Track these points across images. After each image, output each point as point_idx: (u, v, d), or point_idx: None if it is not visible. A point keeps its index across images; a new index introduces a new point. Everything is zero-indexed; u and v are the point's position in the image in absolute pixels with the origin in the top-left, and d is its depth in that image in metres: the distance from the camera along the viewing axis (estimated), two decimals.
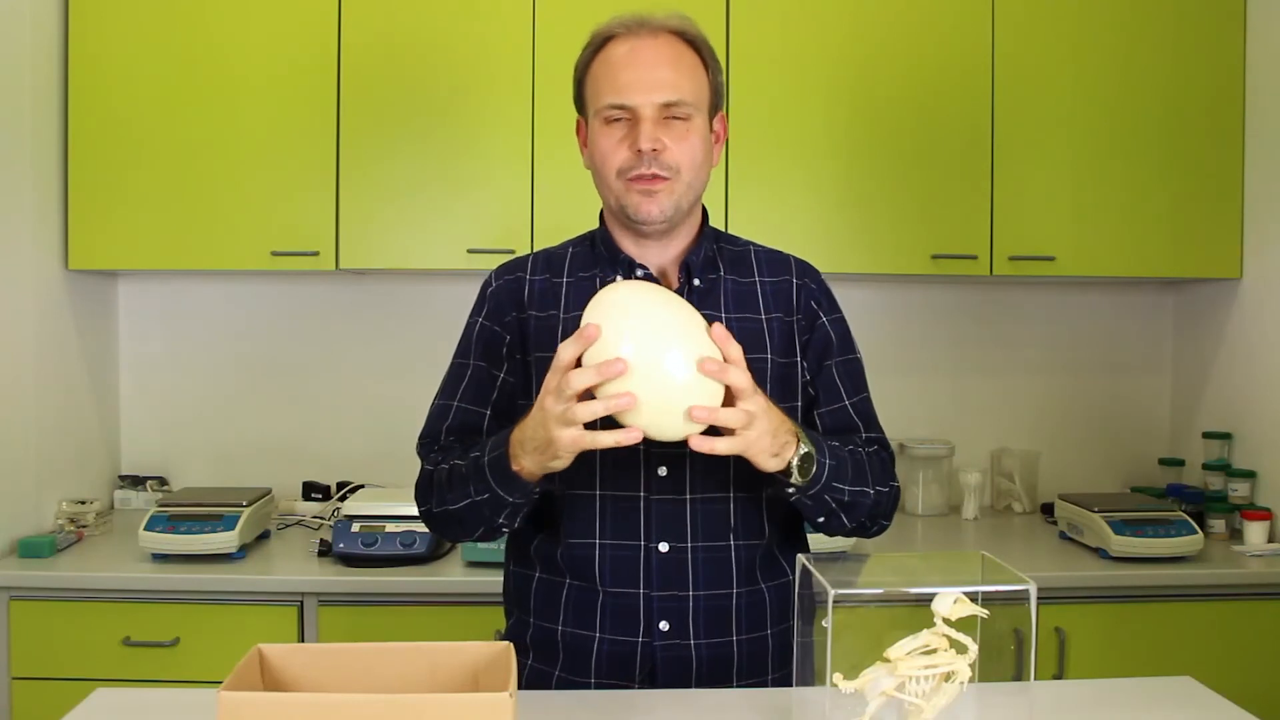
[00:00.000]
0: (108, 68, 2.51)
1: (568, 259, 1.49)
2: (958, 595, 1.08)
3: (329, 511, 2.64)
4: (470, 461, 1.33)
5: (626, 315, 1.17)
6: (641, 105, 1.35)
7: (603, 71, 1.39)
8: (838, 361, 1.48)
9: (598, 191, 1.45)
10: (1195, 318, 2.88)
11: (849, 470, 1.35)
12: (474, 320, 1.49)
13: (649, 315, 1.18)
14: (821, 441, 1.33)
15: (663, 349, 1.16)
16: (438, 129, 2.53)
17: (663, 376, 1.16)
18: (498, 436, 1.31)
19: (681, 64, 1.39)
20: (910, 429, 2.89)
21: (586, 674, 1.38)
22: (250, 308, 2.86)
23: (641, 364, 1.15)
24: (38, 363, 2.44)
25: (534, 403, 1.23)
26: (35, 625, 2.19)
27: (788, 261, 1.53)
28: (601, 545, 1.38)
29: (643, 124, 1.35)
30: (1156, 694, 1.34)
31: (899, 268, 2.60)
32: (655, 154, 1.35)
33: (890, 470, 1.47)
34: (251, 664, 1.06)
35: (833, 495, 1.33)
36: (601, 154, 1.39)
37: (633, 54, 1.38)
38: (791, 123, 2.56)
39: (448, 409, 1.46)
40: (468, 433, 1.45)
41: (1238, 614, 2.28)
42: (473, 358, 1.47)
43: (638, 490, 1.37)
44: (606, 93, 1.37)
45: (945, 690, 1.09)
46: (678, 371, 1.16)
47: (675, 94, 1.36)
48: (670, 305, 1.21)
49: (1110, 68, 2.60)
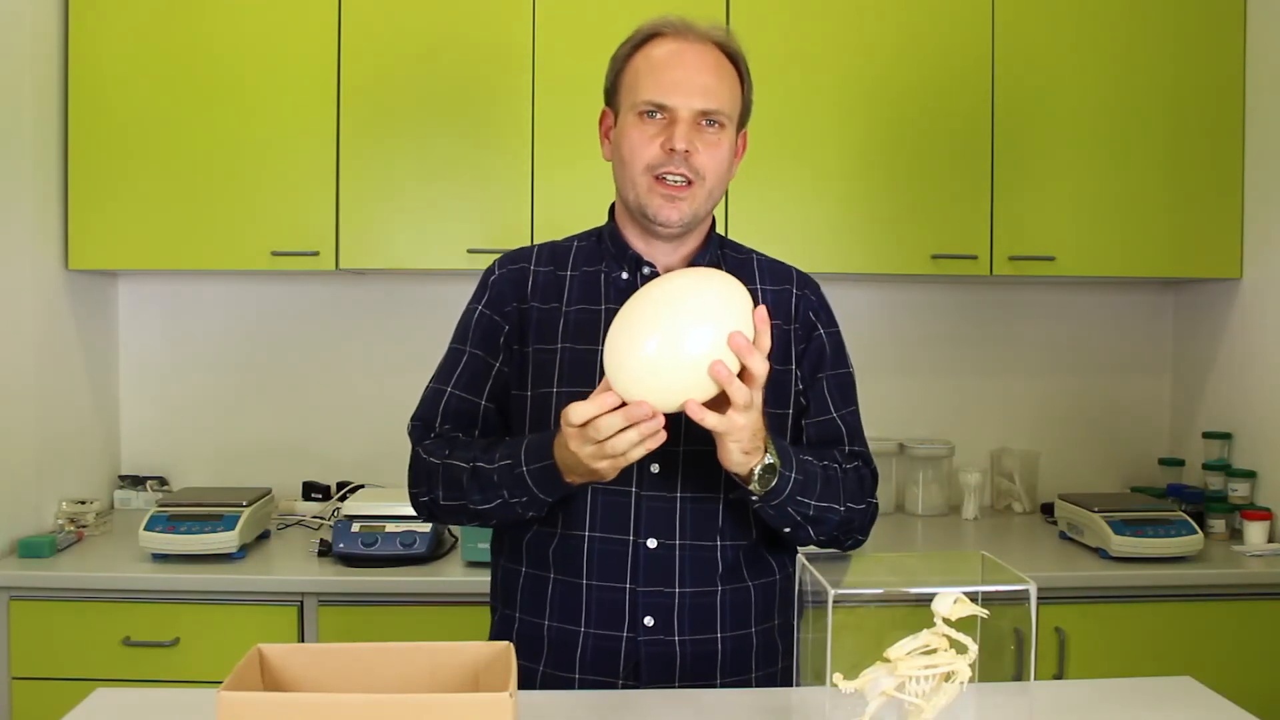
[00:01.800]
0: (108, 68, 2.51)
1: (572, 252, 1.50)
2: (958, 595, 1.08)
3: (329, 511, 2.64)
4: (501, 469, 1.32)
5: (666, 291, 1.19)
6: (680, 107, 1.37)
7: (645, 67, 1.40)
8: (830, 375, 1.49)
9: (617, 184, 1.45)
10: (1195, 318, 2.88)
11: (817, 485, 1.35)
12: (473, 307, 1.49)
13: (686, 295, 1.19)
14: (792, 455, 1.33)
15: (689, 324, 1.17)
16: (438, 129, 2.53)
17: (685, 349, 1.16)
18: (529, 444, 1.31)
19: (722, 74, 1.41)
20: (910, 429, 2.89)
21: (571, 669, 1.39)
22: (250, 308, 2.86)
23: (667, 342, 1.16)
24: (38, 363, 2.44)
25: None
26: (35, 625, 2.19)
27: (789, 273, 1.54)
28: (590, 538, 1.39)
29: (679, 124, 1.36)
30: (1156, 694, 1.34)
31: (899, 268, 2.60)
32: (686, 155, 1.36)
33: (869, 487, 1.48)
34: (251, 664, 1.06)
35: (797, 508, 1.34)
36: (630, 147, 1.39)
37: (677, 55, 1.39)
38: (792, 123, 2.56)
39: (441, 394, 1.47)
40: (463, 421, 1.46)
41: (1238, 614, 2.28)
42: (470, 345, 1.47)
43: (630, 485, 1.38)
44: (647, 89, 1.38)
45: (945, 690, 1.09)
46: (700, 345, 1.16)
47: (714, 102, 1.38)
48: (715, 287, 1.20)
49: (1110, 68, 2.60)
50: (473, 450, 1.38)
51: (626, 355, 1.17)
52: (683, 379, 1.17)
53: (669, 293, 1.19)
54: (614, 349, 1.18)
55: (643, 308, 1.19)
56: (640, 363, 1.16)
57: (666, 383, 1.16)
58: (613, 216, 1.49)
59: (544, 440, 1.29)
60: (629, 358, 1.16)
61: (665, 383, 1.16)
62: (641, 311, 1.19)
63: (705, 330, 1.17)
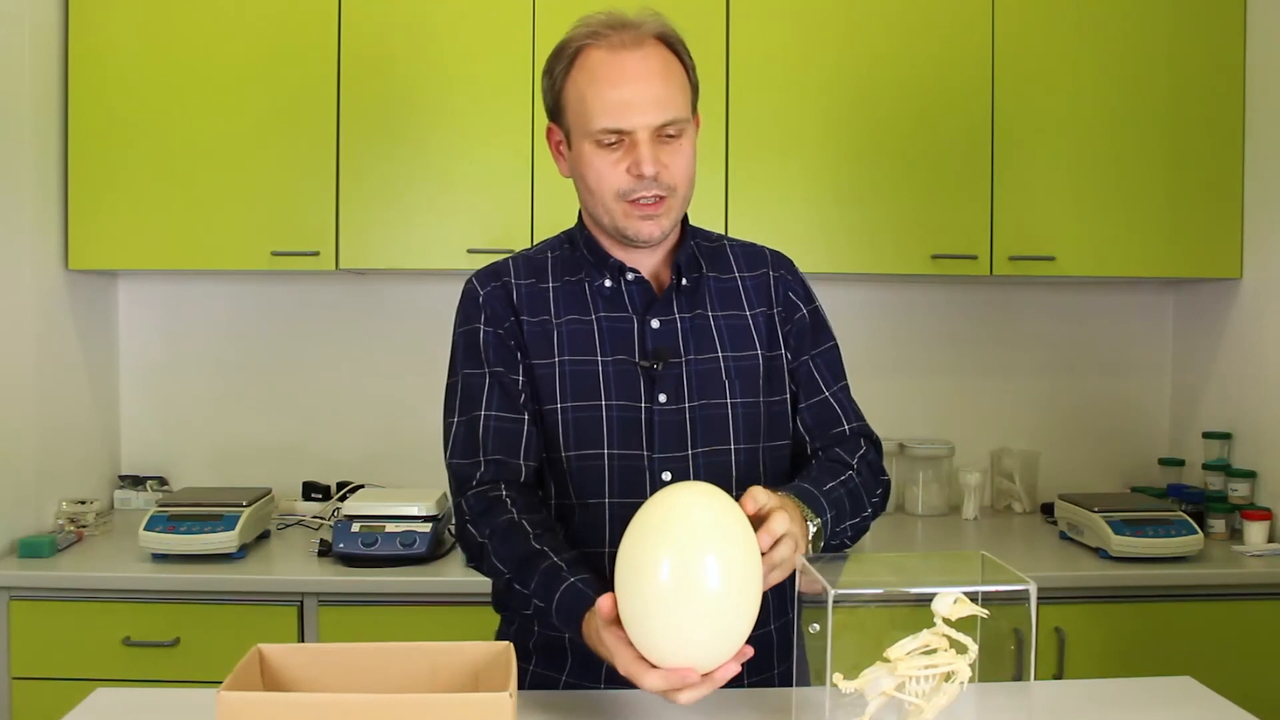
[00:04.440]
0: (108, 68, 2.51)
1: (549, 263, 1.46)
2: (958, 595, 1.08)
3: (329, 511, 2.64)
4: (536, 605, 1.27)
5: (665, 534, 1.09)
6: (638, 128, 1.30)
7: (590, 88, 1.32)
8: (816, 353, 1.48)
9: (584, 205, 1.42)
10: (1195, 318, 2.88)
11: (847, 507, 1.35)
12: (474, 327, 1.42)
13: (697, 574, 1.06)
14: (818, 497, 1.30)
15: (715, 595, 1.06)
16: (438, 129, 2.53)
17: (722, 621, 1.07)
18: (561, 603, 1.22)
19: (670, 76, 1.34)
20: (910, 429, 2.89)
21: (596, 680, 1.37)
22: (250, 308, 2.86)
23: (682, 591, 1.06)
24: (38, 363, 2.44)
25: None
26: (35, 625, 2.19)
27: (763, 254, 1.52)
28: (610, 554, 1.37)
29: (641, 148, 1.31)
30: (1156, 694, 1.34)
31: (899, 268, 2.60)
32: (655, 176, 1.32)
33: (878, 467, 1.48)
34: (251, 664, 1.06)
35: (837, 538, 1.34)
36: (596, 177, 1.34)
37: (618, 68, 1.31)
38: (792, 123, 2.56)
39: (476, 421, 1.37)
40: (508, 445, 1.38)
41: (1238, 614, 2.28)
42: (488, 365, 1.40)
43: (645, 497, 1.37)
44: (598, 115, 1.31)
45: (945, 690, 1.09)
46: (731, 613, 1.07)
47: (670, 112, 1.32)
48: (708, 517, 1.09)
49: (1110, 68, 2.60)
50: (511, 549, 1.30)
51: (662, 639, 1.07)
52: (721, 637, 1.08)
53: (679, 573, 1.06)
54: (644, 631, 1.08)
55: (654, 588, 1.06)
56: (681, 646, 1.07)
57: (707, 652, 1.08)
58: (582, 220, 1.46)
59: (576, 608, 1.21)
60: (666, 641, 1.07)
61: (706, 652, 1.08)
62: (660, 590, 1.06)
63: (732, 596, 1.07)
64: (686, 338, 1.41)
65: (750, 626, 1.09)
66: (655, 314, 1.41)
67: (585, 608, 1.19)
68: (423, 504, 2.31)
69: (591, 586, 1.21)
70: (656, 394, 1.38)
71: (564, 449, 1.38)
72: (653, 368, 1.38)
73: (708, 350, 1.41)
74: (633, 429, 1.37)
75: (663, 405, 1.38)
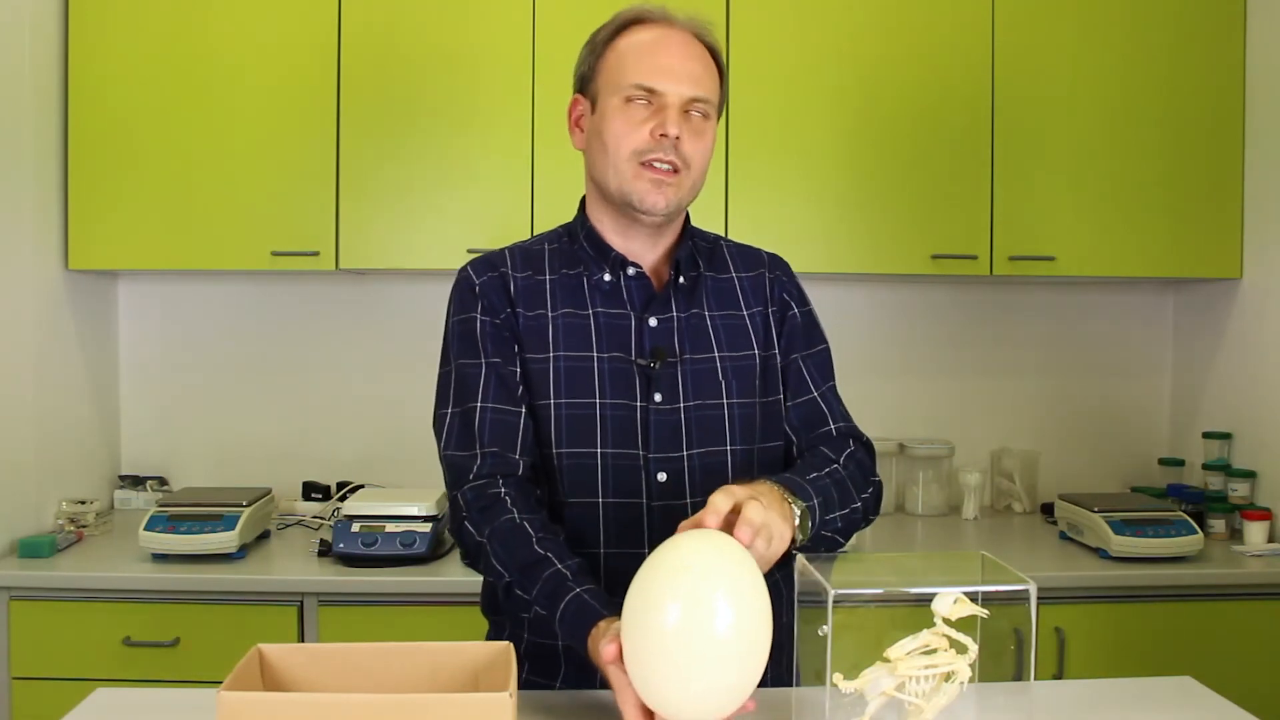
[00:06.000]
0: (108, 69, 2.51)
1: (546, 255, 1.45)
2: (958, 595, 1.08)
3: (329, 511, 2.64)
4: (536, 612, 1.26)
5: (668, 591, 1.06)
6: (669, 92, 1.35)
7: (630, 52, 1.37)
8: (806, 354, 1.48)
9: (593, 175, 1.42)
10: (1195, 318, 2.88)
11: (835, 496, 1.33)
12: (470, 317, 1.41)
13: (697, 625, 1.05)
14: (802, 484, 1.28)
15: (719, 655, 1.05)
16: (438, 129, 2.53)
17: (727, 678, 1.06)
18: (565, 615, 1.21)
19: (707, 64, 1.39)
20: (910, 429, 2.89)
21: (593, 685, 1.36)
22: (250, 308, 2.86)
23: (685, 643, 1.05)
24: (38, 363, 2.44)
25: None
26: (35, 625, 2.19)
27: (759, 255, 1.53)
28: (607, 555, 1.37)
29: (669, 110, 1.34)
30: (1156, 694, 1.34)
31: (899, 268, 2.60)
32: (676, 142, 1.35)
33: (869, 467, 1.46)
34: (251, 664, 1.06)
35: (828, 528, 1.32)
36: (615, 134, 1.36)
37: (664, 42, 1.37)
38: (792, 123, 2.56)
39: (472, 412, 1.36)
40: (505, 438, 1.36)
41: (1238, 614, 2.28)
42: (485, 355, 1.38)
43: (639, 497, 1.37)
44: (635, 73, 1.35)
45: (945, 690, 1.09)
46: (737, 669, 1.07)
47: (702, 89, 1.37)
48: (719, 568, 1.07)
49: (1110, 68, 2.60)
50: (512, 553, 1.28)
51: (668, 689, 1.06)
52: (727, 692, 1.08)
53: (683, 630, 1.04)
54: (649, 677, 1.07)
55: (660, 637, 1.05)
56: (686, 699, 1.06)
57: (711, 705, 1.07)
58: (584, 211, 1.46)
59: (581, 621, 1.20)
60: (670, 690, 1.06)
61: (710, 705, 1.07)
62: (666, 640, 1.05)
63: (740, 650, 1.06)
64: (683, 337, 1.41)
65: (756, 680, 1.09)
66: (653, 312, 1.41)
67: (591, 622, 1.18)
68: (423, 504, 2.31)
69: (598, 599, 1.20)
70: (652, 393, 1.38)
71: (555, 445, 1.37)
72: (650, 366, 1.38)
73: (704, 350, 1.41)
74: (627, 428, 1.37)
75: (658, 405, 1.38)
